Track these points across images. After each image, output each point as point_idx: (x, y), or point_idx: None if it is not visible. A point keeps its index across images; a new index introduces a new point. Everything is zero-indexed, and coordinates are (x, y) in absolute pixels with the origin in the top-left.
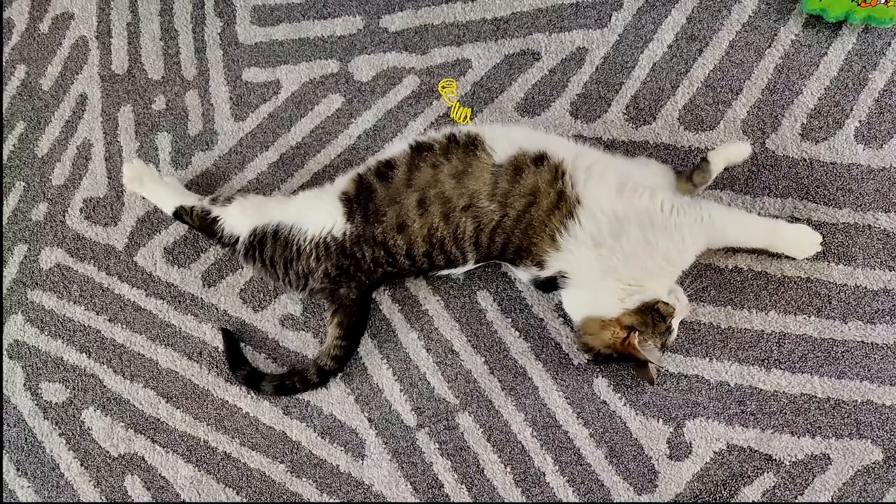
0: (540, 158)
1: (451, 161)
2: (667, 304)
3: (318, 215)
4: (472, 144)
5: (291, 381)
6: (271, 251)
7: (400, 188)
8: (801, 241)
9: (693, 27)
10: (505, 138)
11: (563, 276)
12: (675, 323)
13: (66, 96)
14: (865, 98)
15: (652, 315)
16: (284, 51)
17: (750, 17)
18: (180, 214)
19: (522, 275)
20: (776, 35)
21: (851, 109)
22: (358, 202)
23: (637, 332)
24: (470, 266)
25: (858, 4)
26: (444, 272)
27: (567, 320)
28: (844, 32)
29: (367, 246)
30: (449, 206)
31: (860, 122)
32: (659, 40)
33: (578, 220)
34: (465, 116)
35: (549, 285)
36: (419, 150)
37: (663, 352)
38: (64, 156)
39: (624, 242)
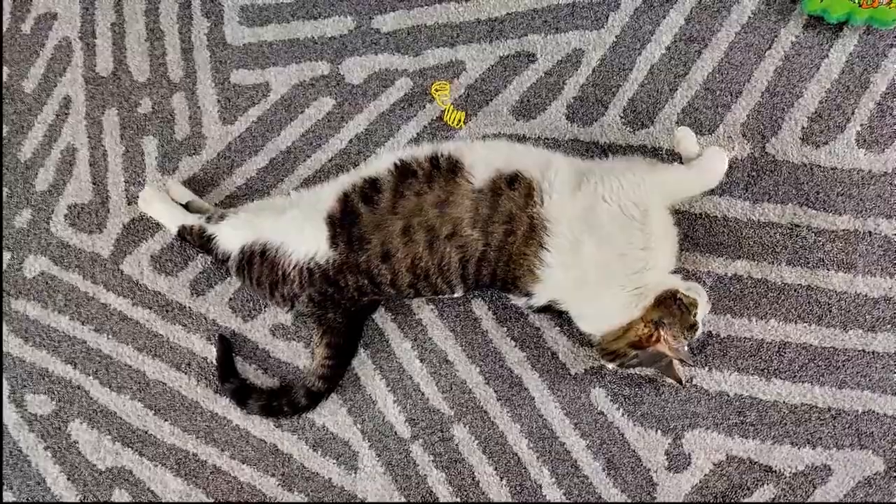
0: (513, 179)
1: (434, 189)
2: (686, 294)
3: (303, 238)
4: (453, 170)
5: (279, 403)
6: (258, 272)
7: (385, 214)
8: (716, 163)
9: (692, 28)
10: (483, 161)
11: (558, 304)
12: (699, 317)
13: (49, 99)
14: (867, 101)
15: (677, 305)
16: (274, 52)
17: (750, 17)
18: (182, 234)
19: (518, 303)
20: (776, 36)
21: (853, 113)
22: (342, 226)
23: (665, 326)
24: (458, 294)
25: (860, 5)
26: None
27: (564, 330)
28: (846, 34)
29: (351, 274)
30: (433, 235)
31: (861, 125)
32: (657, 42)
33: (548, 249)
34: (459, 120)
35: (550, 311)
36: (404, 174)
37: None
38: (48, 160)
39: (589, 256)
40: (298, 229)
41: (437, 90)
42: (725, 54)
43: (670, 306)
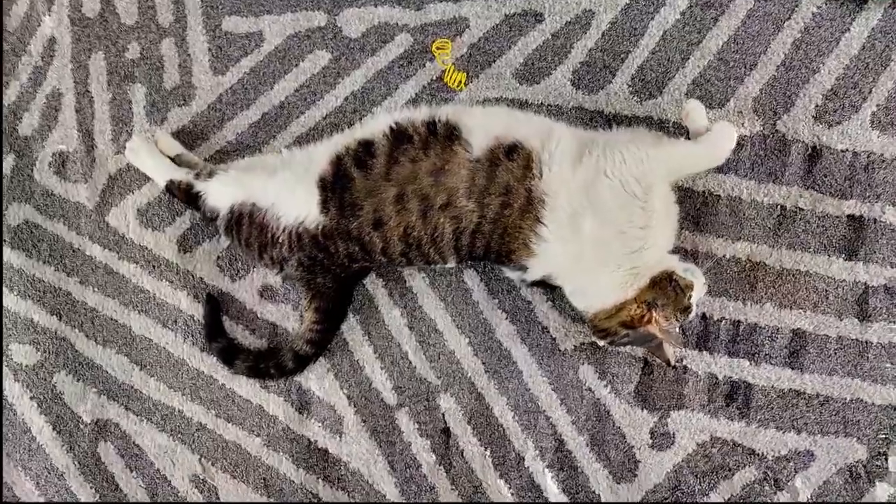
0: (512, 149)
1: (430, 156)
2: (683, 277)
3: (293, 201)
4: (450, 137)
5: (266, 365)
6: (247, 233)
7: (378, 180)
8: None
9: None
10: (481, 128)
11: (552, 279)
12: (694, 300)
13: (33, 40)
14: (885, 80)
15: (672, 287)
16: None
17: None
18: (170, 188)
19: (512, 276)
20: (797, 6)
21: (870, 92)
22: (334, 191)
23: (658, 308)
24: (451, 265)
25: None
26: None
27: (556, 305)
28: (870, 7)
29: (342, 241)
30: (427, 204)
31: (878, 106)
32: (671, 6)
33: (545, 224)
34: (460, 82)
35: (543, 284)
36: (399, 139)
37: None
38: (32, 105)
39: (587, 233)
40: (289, 191)
41: (438, 48)
42: (742, 23)
43: (665, 288)
